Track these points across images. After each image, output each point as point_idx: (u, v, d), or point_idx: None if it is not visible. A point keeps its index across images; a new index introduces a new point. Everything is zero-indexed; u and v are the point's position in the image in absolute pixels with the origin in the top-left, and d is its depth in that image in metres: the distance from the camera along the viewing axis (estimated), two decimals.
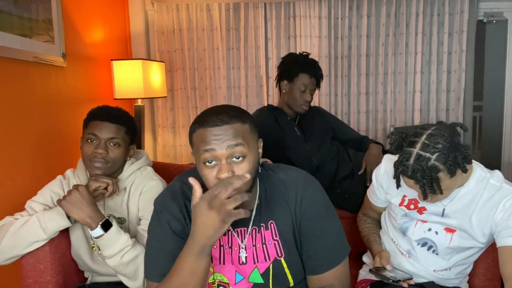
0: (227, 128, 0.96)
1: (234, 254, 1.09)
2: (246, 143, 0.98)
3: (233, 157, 0.97)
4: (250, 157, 0.98)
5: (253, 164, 0.99)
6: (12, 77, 1.58)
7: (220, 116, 0.97)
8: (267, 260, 1.08)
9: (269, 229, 1.09)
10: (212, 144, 0.96)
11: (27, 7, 1.64)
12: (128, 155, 1.45)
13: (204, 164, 0.98)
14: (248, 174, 0.93)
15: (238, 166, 0.97)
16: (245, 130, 1.00)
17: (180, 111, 2.92)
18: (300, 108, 2.06)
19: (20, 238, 1.28)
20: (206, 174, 0.98)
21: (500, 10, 3.01)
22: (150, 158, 1.59)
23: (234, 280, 1.10)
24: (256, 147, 1.03)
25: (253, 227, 1.09)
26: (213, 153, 0.96)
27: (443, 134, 1.16)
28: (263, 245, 1.09)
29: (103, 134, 1.35)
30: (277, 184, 1.10)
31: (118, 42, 2.68)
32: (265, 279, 1.09)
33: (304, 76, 2.02)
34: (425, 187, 1.18)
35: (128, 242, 1.28)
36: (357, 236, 1.60)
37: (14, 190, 1.56)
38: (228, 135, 0.96)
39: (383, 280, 1.31)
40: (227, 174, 0.95)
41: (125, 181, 1.43)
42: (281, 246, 1.08)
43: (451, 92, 2.97)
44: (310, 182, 1.11)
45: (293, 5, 2.85)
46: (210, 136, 0.96)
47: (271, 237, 1.08)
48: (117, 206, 1.43)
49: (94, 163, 1.35)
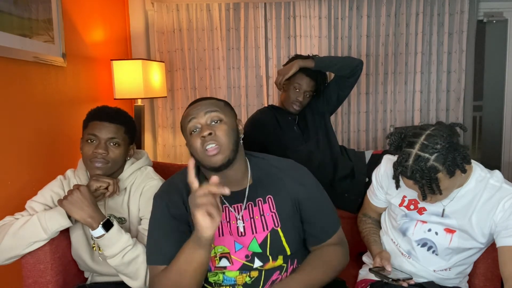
0: (204, 102, 1.19)
1: (233, 227, 1.20)
2: (222, 111, 1.18)
3: (212, 121, 1.15)
4: (227, 121, 1.16)
5: (231, 128, 1.16)
6: (12, 77, 1.58)
7: (199, 99, 1.22)
8: (265, 230, 1.20)
9: (266, 202, 1.23)
10: (193, 114, 1.16)
11: (27, 7, 1.64)
12: (128, 155, 1.45)
13: (191, 135, 1.16)
14: (227, 189, 0.97)
15: (217, 127, 1.14)
16: (220, 104, 1.20)
17: (180, 111, 2.92)
18: (291, 107, 2.06)
19: (21, 238, 1.28)
20: (194, 142, 1.14)
21: (500, 10, 3.01)
22: (150, 158, 1.59)
23: (234, 249, 1.20)
24: (233, 118, 1.21)
25: (249, 202, 1.22)
26: (194, 121, 1.15)
27: (442, 134, 1.16)
28: (261, 217, 1.21)
29: (102, 134, 1.35)
30: (270, 167, 1.26)
31: (118, 42, 2.68)
32: (263, 248, 1.19)
33: (301, 75, 2.01)
34: (424, 188, 1.18)
35: (129, 241, 1.28)
36: (357, 236, 1.60)
37: (14, 190, 1.56)
38: (205, 105, 1.17)
39: (383, 280, 1.31)
40: (207, 131, 1.11)
41: (125, 181, 1.44)
42: (277, 217, 1.21)
43: (451, 92, 2.97)
44: (301, 167, 1.31)
45: (293, 5, 2.85)
46: (192, 110, 1.18)
47: (269, 210, 1.22)
48: (118, 206, 1.43)
49: (94, 163, 1.34)
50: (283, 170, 1.26)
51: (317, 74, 2.04)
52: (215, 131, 1.13)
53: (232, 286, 1.21)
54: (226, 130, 1.14)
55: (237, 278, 1.21)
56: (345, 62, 2.04)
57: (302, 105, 2.06)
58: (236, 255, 1.20)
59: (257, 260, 1.20)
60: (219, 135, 1.13)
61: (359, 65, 2.04)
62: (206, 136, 1.12)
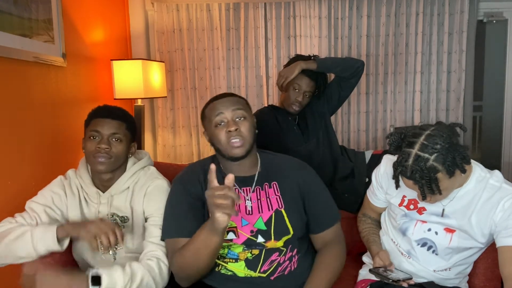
0: (230, 99, 1.35)
1: (242, 206, 1.35)
2: (245, 109, 1.35)
3: (236, 117, 1.32)
4: (249, 119, 1.34)
5: (251, 125, 1.34)
6: (12, 77, 1.58)
7: (225, 95, 1.39)
8: (270, 210, 1.35)
9: (271, 187, 1.38)
10: (220, 109, 1.32)
11: (27, 7, 1.64)
12: (130, 152, 1.47)
13: (216, 127, 1.32)
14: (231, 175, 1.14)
15: (241, 123, 1.31)
16: (243, 102, 1.38)
17: (180, 111, 2.92)
18: (290, 107, 2.06)
19: (13, 251, 1.26)
20: (218, 134, 1.31)
21: (500, 10, 3.01)
22: (151, 159, 1.61)
23: (241, 224, 1.33)
24: (252, 116, 1.37)
25: (257, 186, 1.38)
26: (222, 116, 1.31)
27: (442, 134, 1.16)
28: (267, 199, 1.36)
29: (105, 130, 1.38)
30: (278, 161, 1.44)
31: (118, 42, 2.68)
32: (268, 227, 1.33)
33: (301, 76, 2.01)
34: (424, 188, 1.18)
35: (126, 276, 1.21)
36: (357, 236, 1.60)
37: (14, 190, 1.56)
38: (231, 102, 1.34)
39: (383, 280, 1.31)
40: (234, 127, 1.28)
41: (128, 180, 1.44)
42: (281, 200, 1.36)
43: (451, 92, 2.97)
44: (304, 164, 1.47)
45: (293, 5, 2.85)
46: (219, 105, 1.33)
47: (274, 193, 1.37)
48: (121, 205, 1.43)
49: (97, 158, 1.37)
50: (288, 163, 1.44)
51: (317, 74, 2.04)
52: (240, 127, 1.30)
53: (235, 259, 1.33)
54: (248, 126, 1.32)
55: (240, 254, 1.33)
56: (347, 64, 2.04)
57: (301, 106, 2.06)
58: (242, 229, 1.32)
59: (260, 237, 1.32)
60: (243, 131, 1.30)
61: (361, 66, 2.04)
62: (232, 131, 1.28)
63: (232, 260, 1.33)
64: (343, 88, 2.10)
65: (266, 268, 1.32)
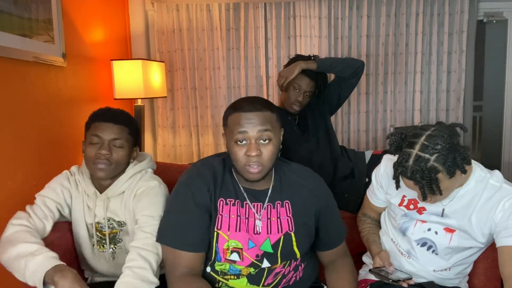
0: (258, 115, 1.16)
1: (250, 224, 1.24)
2: (273, 129, 1.18)
3: (261, 139, 1.16)
4: (274, 141, 1.18)
5: (275, 148, 1.19)
6: (12, 77, 1.58)
7: (253, 104, 1.18)
8: (279, 232, 1.25)
9: (284, 207, 1.27)
10: (245, 126, 1.15)
11: (27, 7, 1.64)
12: (131, 157, 1.42)
13: (236, 143, 1.17)
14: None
15: (264, 147, 1.17)
16: (273, 118, 1.20)
17: (180, 111, 2.92)
18: (290, 107, 2.06)
19: (10, 268, 1.22)
20: (236, 151, 1.17)
21: (500, 10, 3.01)
22: (153, 161, 1.55)
23: (247, 246, 1.23)
24: (279, 135, 1.23)
25: (268, 203, 1.26)
26: (245, 135, 1.16)
27: (442, 135, 1.16)
28: (277, 219, 1.26)
29: (106, 135, 1.33)
30: (292, 174, 1.31)
31: (118, 42, 2.68)
32: (275, 250, 1.24)
33: (301, 76, 2.01)
34: (425, 188, 1.18)
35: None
36: (357, 236, 1.60)
37: (14, 189, 1.56)
38: (259, 120, 1.16)
39: (383, 280, 1.31)
40: (255, 153, 1.14)
41: (125, 183, 1.40)
42: (292, 222, 1.26)
43: (451, 92, 2.97)
44: (318, 177, 1.36)
45: (293, 5, 2.85)
46: (244, 120, 1.16)
47: (285, 214, 1.26)
48: (117, 209, 1.40)
49: (97, 165, 1.32)
50: (303, 178, 1.31)
51: (317, 74, 2.04)
52: (262, 152, 1.16)
53: (236, 276, 1.25)
54: (272, 150, 1.18)
55: (242, 270, 1.25)
56: (347, 64, 2.04)
57: (301, 105, 2.06)
58: (247, 252, 1.23)
59: (266, 261, 1.24)
60: (264, 157, 1.17)
61: (361, 67, 2.04)
62: (253, 156, 1.15)
63: (233, 276, 1.26)
64: (343, 88, 2.10)
65: (270, 281, 1.26)
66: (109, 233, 1.41)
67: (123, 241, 1.43)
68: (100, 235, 1.42)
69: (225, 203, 1.24)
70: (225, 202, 1.24)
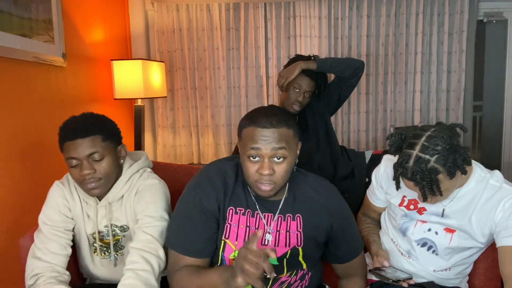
0: (274, 131, 1.09)
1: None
2: (288, 147, 1.11)
3: (275, 157, 1.10)
4: (289, 159, 1.12)
5: (290, 166, 1.14)
6: (12, 77, 1.58)
7: (269, 118, 1.10)
8: (287, 246, 1.21)
9: (295, 220, 1.22)
10: (259, 143, 1.09)
11: (27, 7, 1.64)
12: (120, 157, 1.34)
13: (248, 158, 1.12)
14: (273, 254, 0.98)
15: (278, 165, 1.11)
16: (289, 135, 1.12)
17: (180, 111, 2.92)
18: (290, 107, 2.05)
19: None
20: (248, 167, 1.12)
21: (500, 10, 3.01)
22: (149, 159, 1.51)
23: None
24: (295, 150, 1.17)
25: (279, 215, 1.22)
26: (259, 152, 1.10)
27: (443, 135, 1.16)
28: (286, 232, 1.21)
29: (80, 154, 1.23)
30: (306, 186, 1.25)
31: (118, 42, 2.68)
32: (280, 262, 1.21)
33: (301, 76, 2.01)
34: (425, 189, 1.18)
35: None
36: None
37: (13, 189, 1.56)
38: (274, 137, 1.09)
39: (383, 280, 1.31)
40: (267, 172, 1.09)
41: (124, 186, 1.34)
42: (302, 237, 1.22)
43: (451, 92, 2.97)
44: (335, 190, 1.30)
45: (293, 5, 2.85)
46: (259, 136, 1.09)
47: (296, 228, 1.22)
48: (118, 214, 1.36)
49: (86, 185, 1.26)
50: (318, 192, 1.25)
51: (317, 74, 2.04)
52: (275, 170, 1.11)
53: None
54: (286, 169, 1.12)
55: None
56: (347, 64, 2.03)
57: (302, 105, 2.06)
58: None
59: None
60: (277, 175, 1.11)
61: (361, 67, 2.04)
62: (265, 175, 1.10)
63: None
64: (343, 88, 2.10)
65: None
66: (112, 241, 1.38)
67: (125, 247, 1.38)
68: (101, 243, 1.38)
69: (234, 212, 1.21)
70: (234, 211, 1.21)
